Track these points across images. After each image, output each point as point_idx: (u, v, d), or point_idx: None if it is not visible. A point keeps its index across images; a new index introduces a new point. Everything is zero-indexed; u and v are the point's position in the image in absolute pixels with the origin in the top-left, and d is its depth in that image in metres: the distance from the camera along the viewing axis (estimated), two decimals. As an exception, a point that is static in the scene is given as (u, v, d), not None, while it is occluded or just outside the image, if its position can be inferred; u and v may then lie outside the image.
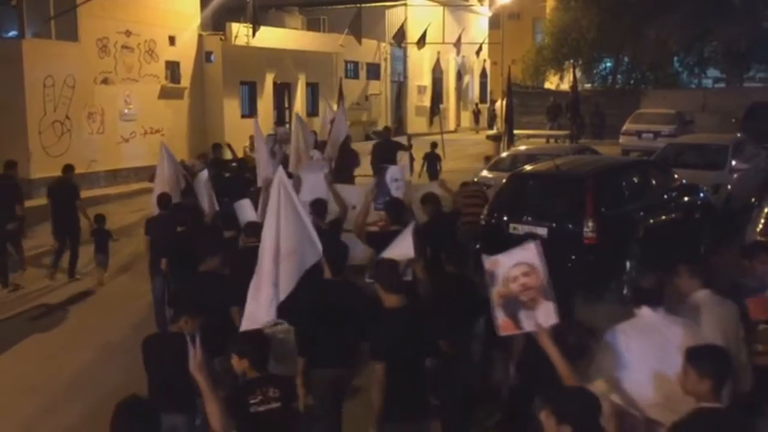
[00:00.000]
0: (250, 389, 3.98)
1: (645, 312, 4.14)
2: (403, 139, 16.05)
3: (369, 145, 14.94)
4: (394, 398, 4.40)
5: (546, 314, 4.01)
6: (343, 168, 11.89)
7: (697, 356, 3.51)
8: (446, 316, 5.04)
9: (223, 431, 3.41)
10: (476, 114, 34.76)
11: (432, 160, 16.11)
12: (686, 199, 10.65)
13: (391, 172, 8.70)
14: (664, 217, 10.04)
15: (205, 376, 3.47)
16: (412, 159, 15.40)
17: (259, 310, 5.18)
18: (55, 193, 10.43)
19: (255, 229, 6.37)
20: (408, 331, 4.45)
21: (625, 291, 9.12)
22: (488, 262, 4.22)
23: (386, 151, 13.76)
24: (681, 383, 3.52)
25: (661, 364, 3.91)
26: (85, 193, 15.38)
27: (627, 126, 23.72)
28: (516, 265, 4.16)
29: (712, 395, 3.42)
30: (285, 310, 5.22)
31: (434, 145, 16.66)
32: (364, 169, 13.10)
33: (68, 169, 10.64)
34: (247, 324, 5.06)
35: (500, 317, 4.15)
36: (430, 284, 5.61)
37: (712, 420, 3.37)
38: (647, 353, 4.00)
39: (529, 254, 4.16)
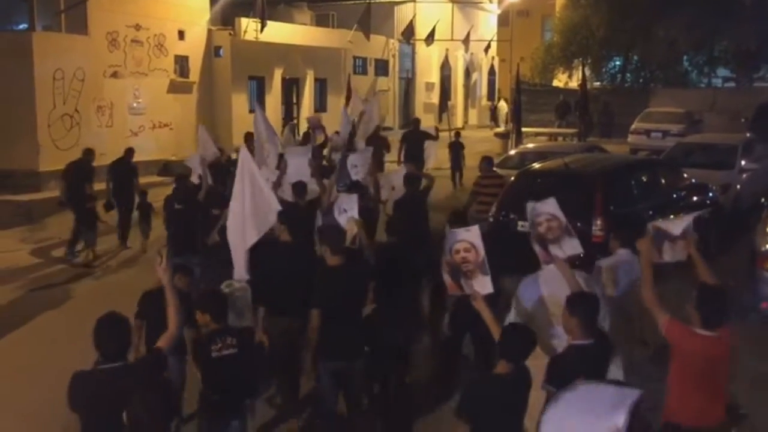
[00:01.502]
0: (212, 338, 4.75)
1: (550, 266, 5.34)
2: (431, 130, 16.88)
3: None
4: (328, 340, 5.22)
5: (482, 285, 5.16)
6: (374, 154, 12.43)
7: (570, 300, 4.34)
8: (381, 278, 5.90)
9: (177, 331, 4.08)
10: (493, 111, 34.67)
11: (456, 148, 17.18)
12: (695, 198, 10.61)
13: (351, 159, 9.55)
14: (672, 217, 10.01)
15: (168, 279, 4.13)
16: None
17: (238, 266, 6.31)
18: (116, 171, 11.83)
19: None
20: (342, 285, 5.28)
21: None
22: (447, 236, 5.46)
23: (415, 139, 15.16)
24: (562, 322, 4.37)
25: (556, 307, 4.85)
26: (94, 186, 15.53)
27: (636, 125, 23.65)
28: (460, 242, 5.35)
29: (581, 333, 4.17)
30: (250, 265, 6.29)
31: (458, 134, 18.04)
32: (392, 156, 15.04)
33: (129, 151, 12.29)
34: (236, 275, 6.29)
35: (448, 280, 5.41)
36: (371, 250, 6.54)
37: (579, 353, 4.13)
38: (548, 297, 5.19)
39: (471, 235, 5.36)
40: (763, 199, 11.85)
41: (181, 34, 19.05)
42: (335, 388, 5.36)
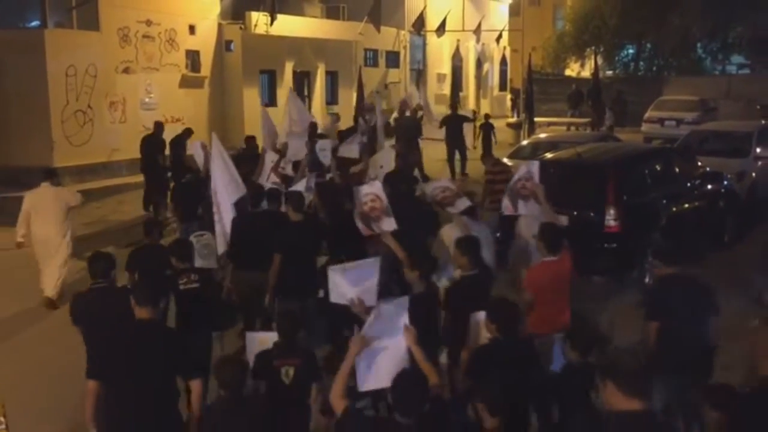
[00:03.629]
0: (179, 274, 5.98)
1: (465, 217, 7.09)
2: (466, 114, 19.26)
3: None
4: (286, 281, 6.57)
5: (388, 224, 6.90)
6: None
7: (458, 242, 5.61)
8: (329, 234, 7.39)
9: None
10: (514, 101, 34.40)
11: (487, 129, 18.58)
12: (710, 187, 10.53)
13: (320, 144, 11.05)
14: (687, 206, 9.94)
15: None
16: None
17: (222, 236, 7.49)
18: (145, 145, 13.05)
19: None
20: (299, 236, 6.74)
21: (647, 279, 9.06)
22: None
23: (454, 122, 17.14)
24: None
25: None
26: (107, 182, 15.63)
27: (649, 113, 23.49)
28: (366, 194, 7.14)
29: (469, 265, 5.41)
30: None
31: (487, 116, 19.82)
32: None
33: (158, 125, 13.55)
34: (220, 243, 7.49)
35: (361, 226, 7.02)
36: (324, 213, 7.94)
37: (469, 281, 5.39)
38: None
39: (375, 188, 7.27)
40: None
41: (192, 29, 19.06)
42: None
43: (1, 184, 14.86)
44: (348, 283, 5.08)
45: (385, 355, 4.11)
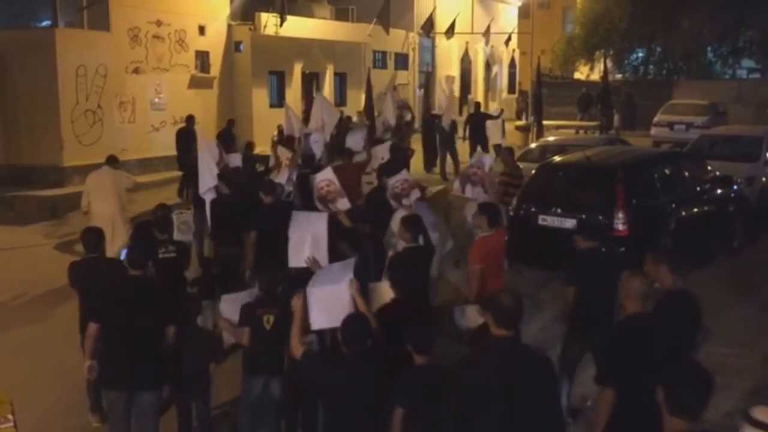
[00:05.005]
0: (159, 244, 6.92)
1: (414, 200, 7.84)
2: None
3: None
4: (260, 255, 7.47)
5: (342, 204, 8.10)
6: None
7: (404, 220, 6.45)
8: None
9: None
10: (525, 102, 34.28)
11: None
12: (719, 191, 10.47)
13: (313, 136, 12.37)
14: (696, 210, 9.90)
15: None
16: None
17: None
18: (179, 137, 14.69)
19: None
20: (271, 216, 7.67)
21: (655, 284, 9.01)
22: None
23: (478, 120, 18.37)
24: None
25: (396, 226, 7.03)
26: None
27: (659, 117, 23.40)
28: (321, 180, 8.36)
29: (412, 239, 6.22)
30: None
31: (501, 111, 20.32)
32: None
33: (189, 118, 15.14)
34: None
35: (321, 207, 8.07)
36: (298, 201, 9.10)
37: (408, 253, 6.18)
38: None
39: (328, 174, 8.48)
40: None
41: (202, 30, 19.11)
42: None
43: (11, 182, 14.96)
44: (307, 246, 6.27)
45: (332, 302, 5.02)
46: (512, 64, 37.63)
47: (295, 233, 6.41)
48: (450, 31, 27.62)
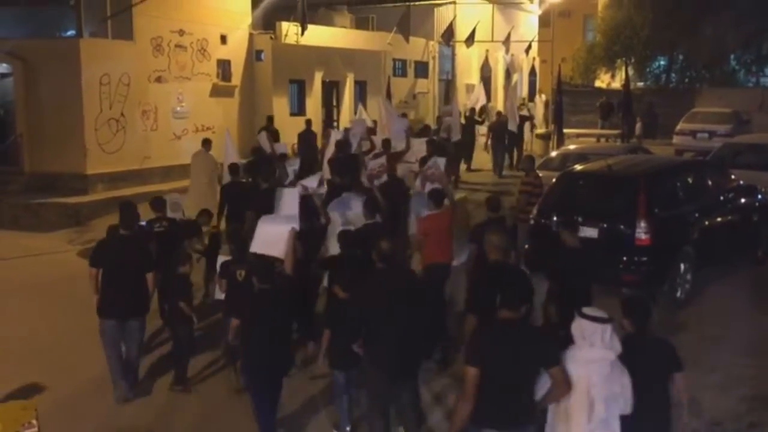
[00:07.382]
0: (154, 221, 8.32)
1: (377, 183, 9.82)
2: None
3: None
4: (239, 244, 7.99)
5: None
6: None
7: (365, 203, 7.94)
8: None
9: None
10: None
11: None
12: (743, 200, 10.36)
13: (353, 130, 14.72)
14: (719, 219, 9.79)
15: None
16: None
17: None
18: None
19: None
20: (267, 199, 8.71)
21: (678, 294, 8.91)
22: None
23: (500, 129, 19.85)
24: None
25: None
26: (139, 189, 15.81)
27: (681, 125, 23.18)
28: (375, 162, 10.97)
29: (369, 216, 7.70)
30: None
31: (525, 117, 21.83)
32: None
33: (269, 118, 17.66)
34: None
35: (368, 184, 10.12)
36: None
37: (365, 228, 7.55)
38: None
39: (383, 160, 11.10)
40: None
41: (224, 39, 19.28)
42: None
43: (35, 190, 15.16)
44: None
45: (272, 237, 6.87)
46: (532, 73, 37.53)
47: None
48: (470, 40, 27.59)
